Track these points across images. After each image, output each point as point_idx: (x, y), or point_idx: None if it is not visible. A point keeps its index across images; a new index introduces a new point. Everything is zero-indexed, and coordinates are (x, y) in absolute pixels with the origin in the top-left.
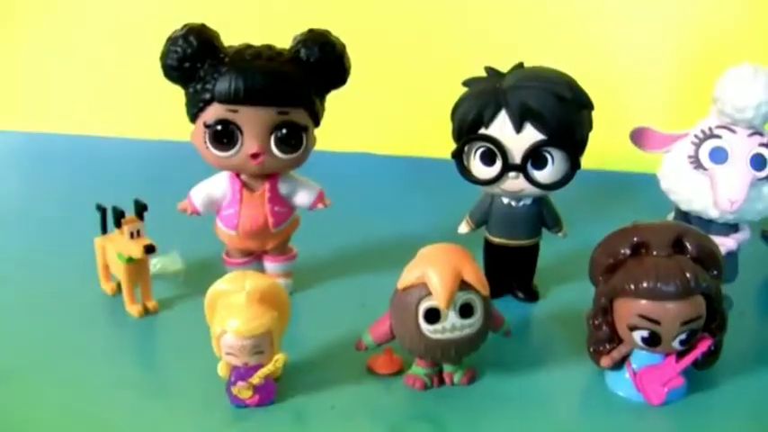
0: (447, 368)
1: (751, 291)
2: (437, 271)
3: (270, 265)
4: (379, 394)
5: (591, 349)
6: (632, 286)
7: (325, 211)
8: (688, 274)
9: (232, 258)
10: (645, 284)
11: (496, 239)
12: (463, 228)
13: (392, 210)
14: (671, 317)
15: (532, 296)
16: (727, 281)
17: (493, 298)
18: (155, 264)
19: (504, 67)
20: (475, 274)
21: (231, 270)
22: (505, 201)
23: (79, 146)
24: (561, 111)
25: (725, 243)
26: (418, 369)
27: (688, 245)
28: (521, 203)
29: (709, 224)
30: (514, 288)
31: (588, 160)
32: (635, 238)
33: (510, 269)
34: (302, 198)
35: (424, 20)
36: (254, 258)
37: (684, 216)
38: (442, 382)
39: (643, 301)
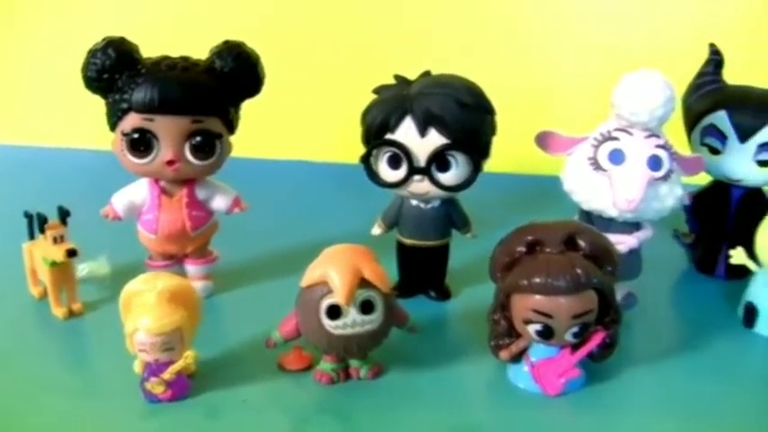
0: (353, 363)
1: (661, 288)
2: (337, 270)
3: (190, 267)
4: (288, 389)
5: (492, 344)
6: (526, 282)
7: (245, 216)
8: (578, 270)
9: (154, 262)
10: (537, 280)
11: (408, 240)
12: (376, 230)
13: (310, 214)
14: (562, 311)
15: (444, 295)
16: (631, 278)
17: (406, 297)
18: (83, 268)
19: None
20: (374, 272)
21: None
22: (414, 203)
23: (9, 155)
24: (463, 116)
25: (626, 241)
26: (326, 365)
27: (581, 242)
28: (429, 205)
29: (610, 223)
30: (427, 287)
31: (504, 164)
32: (530, 237)
33: (422, 269)
34: (219, 203)
35: (337, 30)
36: (175, 262)
37: (587, 216)
38: (348, 376)
39: (536, 296)
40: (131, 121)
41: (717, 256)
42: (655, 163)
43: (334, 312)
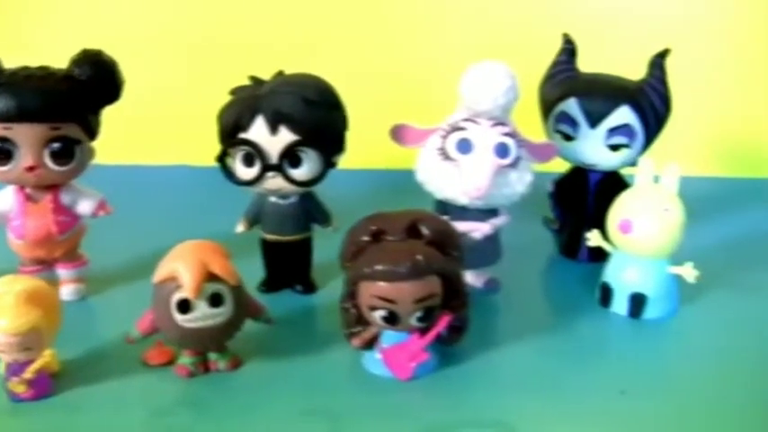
0: (212, 356)
1: (528, 273)
2: (185, 265)
3: (62, 272)
4: (151, 383)
5: (345, 332)
6: (369, 270)
7: (117, 220)
8: (419, 256)
9: (26, 267)
10: (379, 267)
11: (269, 236)
12: (239, 228)
13: (179, 216)
14: (405, 296)
15: (310, 288)
16: (490, 263)
17: (273, 291)
18: None
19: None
20: (222, 266)
21: None
22: (273, 200)
23: None
24: (311, 113)
25: (481, 228)
26: (185, 359)
27: (423, 229)
28: (287, 201)
29: (465, 211)
30: (293, 281)
31: (368, 160)
32: (373, 227)
33: (286, 264)
34: (84, 207)
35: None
36: (46, 266)
37: (442, 205)
38: (208, 369)
39: (379, 283)
40: None
41: (579, 240)
42: (502, 150)
43: (185, 306)
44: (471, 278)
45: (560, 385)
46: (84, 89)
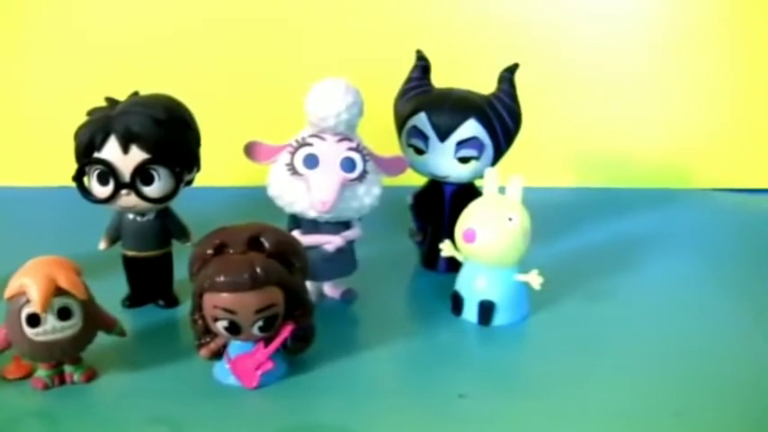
0: (67, 368)
1: (389, 284)
2: (33, 279)
3: None
4: (7, 397)
5: (195, 343)
6: (209, 282)
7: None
8: (257, 268)
9: None
10: (218, 279)
11: (129, 252)
12: (102, 245)
13: (44, 235)
14: (244, 306)
15: (172, 302)
16: (345, 274)
17: (136, 306)
18: None
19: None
20: (69, 280)
21: None
22: (131, 217)
23: None
24: (159, 132)
25: (332, 240)
26: (41, 372)
27: (264, 242)
28: (145, 218)
29: (317, 224)
30: (156, 296)
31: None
32: (217, 240)
33: (148, 279)
34: None
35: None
36: None
37: (295, 219)
38: (63, 381)
39: (220, 294)
40: None
41: (437, 251)
42: (348, 165)
43: (34, 320)
44: (329, 289)
45: (406, 390)
46: None
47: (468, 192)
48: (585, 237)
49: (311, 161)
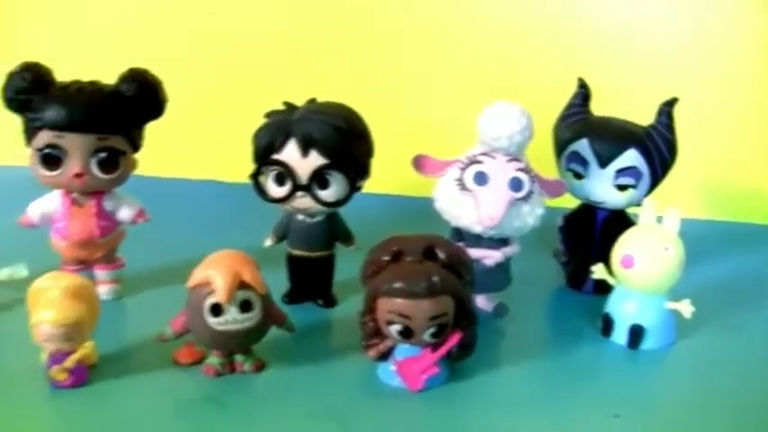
0: (238, 358)
1: (535, 301)
2: (219, 272)
3: (100, 272)
4: (179, 380)
5: (363, 344)
6: (387, 287)
7: (154, 228)
8: (434, 277)
9: (67, 267)
10: (396, 285)
11: (295, 252)
12: (268, 242)
13: (212, 228)
14: (419, 313)
15: (330, 302)
16: (499, 289)
17: (296, 303)
18: (2, 272)
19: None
20: (252, 275)
21: None
22: (300, 218)
23: None
24: (338, 140)
25: (492, 255)
26: (213, 359)
27: (438, 253)
28: (314, 220)
29: (478, 239)
30: (315, 295)
31: (389, 186)
32: (394, 247)
33: (310, 278)
34: (124, 213)
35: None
36: (85, 267)
37: (458, 232)
38: (234, 370)
39: (396, 300)
40: (43, 137)
41: (585, 272)
42: (516, 184)
43: (216, 310)
44: (481, 302)
45: (551, 404)
46: (130, 105)
47: (618, 219)
48: (724, 269)
49: (481, 178)
